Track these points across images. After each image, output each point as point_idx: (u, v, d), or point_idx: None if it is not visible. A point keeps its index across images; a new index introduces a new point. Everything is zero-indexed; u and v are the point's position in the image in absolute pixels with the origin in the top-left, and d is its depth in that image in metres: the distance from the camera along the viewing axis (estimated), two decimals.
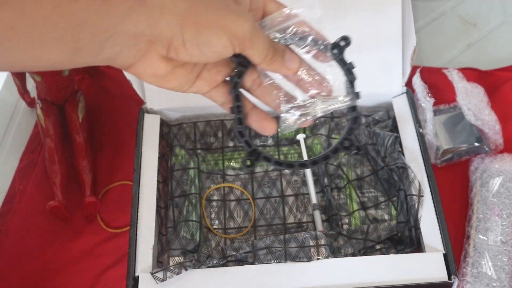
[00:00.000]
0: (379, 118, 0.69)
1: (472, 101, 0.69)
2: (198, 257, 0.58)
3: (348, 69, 0.45)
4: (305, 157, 0.68)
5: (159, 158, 0.65)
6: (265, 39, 0.39)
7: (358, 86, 0.70)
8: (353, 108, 0.45)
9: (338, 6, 0.67)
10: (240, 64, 0.42)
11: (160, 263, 0.61)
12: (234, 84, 0.43)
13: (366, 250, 0.62)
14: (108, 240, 0.68)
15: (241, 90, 0.44)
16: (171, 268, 0.56)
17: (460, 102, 0.70)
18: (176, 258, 0.61)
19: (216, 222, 0.66)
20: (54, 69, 0.34)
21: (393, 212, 0.64)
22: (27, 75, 0.75)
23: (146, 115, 0.67)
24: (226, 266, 0.59)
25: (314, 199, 0.65)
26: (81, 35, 0.32)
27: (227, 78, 0.43)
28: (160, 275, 0.55)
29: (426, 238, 0.58)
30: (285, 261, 0.58)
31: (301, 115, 0.44)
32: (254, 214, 0.66)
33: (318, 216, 0.64)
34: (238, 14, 0.37)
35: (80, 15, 0.31)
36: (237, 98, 0.43)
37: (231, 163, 0.70)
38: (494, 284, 0.59)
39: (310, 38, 0.42)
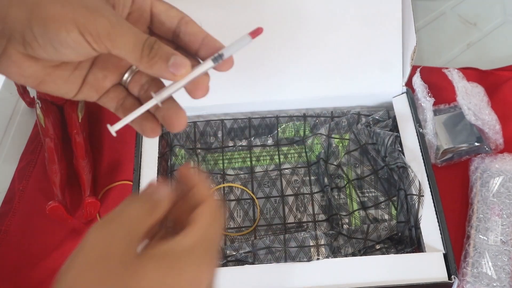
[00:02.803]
0: (379, 117, 0.69)
1: (472, 100, 0.69)
2: None
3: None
4: None
5: (159, 158, 0.65)
6: (132, 36, 0.34)
7: (359, 86, 0.70)
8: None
9: (338, 6, 0.67)
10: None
11: None
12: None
13: (366, 250, 0.62)
14: None
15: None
16: None
17: (460, 102, 0.70)
18: None
19: None
20: None
21: (393, 211, 0.64)
22: None
23: None
24: (226, 266, 0.59)
25: None
26: None
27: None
28: None
29: (426, 238, 0.58)
30: (285, 261, 0.58)
31: None
32: (259, 213, 0.66)
33: None
34: (91, 8, 0.33)
35: None
36: None
37: (231, 163, 0.70)
38: (494, 284, 0.59)
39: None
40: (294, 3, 0.67)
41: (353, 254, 0.61)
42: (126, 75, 0.39)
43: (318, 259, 0.57)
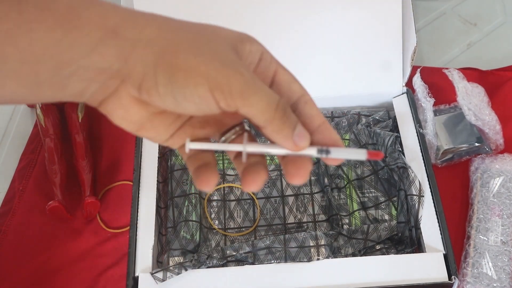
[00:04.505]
0: (380, 118, 0.69)
1: (473, 101, 0.69)
2: (198, 257, 0.58)
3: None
4: None
5: (159, 158, 0.65)
6: (266, 96, 0.30)
7: (359, 86, 0.70)
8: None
9: (338, 6, 0.67)
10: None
11: (160, 263, 0.61)
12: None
13: (366, 250, 0.62)
14: (108, 240, 0.67)
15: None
16: (171, 268, 0.56)
17: (461, 102, 0.70)
18: (176, 258, 0.61)
19: (216, 222, 0.66)
20: (15, 104, 0.31)
21: (394, 212, 0.64)
22: None
23: None
24: (226, 266, 0.59)
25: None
26: (40, 69, 0.28)
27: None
28: (160, 275, 0.55)
29: (426, 238, 0.58)
30: (285, 261, 0.57)
31: None
32: (259, 213, 0.66)
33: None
34: (226, 62, 0.30)
35: (37, 47, 0.27)
36: None
37: (231, 163, 0.70)
38: (495, 285, 0.59)
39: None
40: (294, 4, 0.66)
41: (353, 255, 0.61)
42: (228, 134, 0.35)
43: (318, 259, 0.57)
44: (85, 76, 0.30)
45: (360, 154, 0.32)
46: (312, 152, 0.32)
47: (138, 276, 0.56)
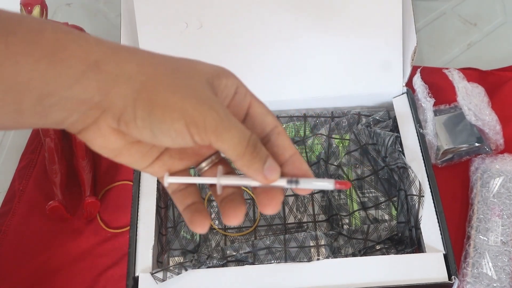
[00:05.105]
0: (380, 118, 0.69)
1: (473, 101, 0.69)
2: (198, 257, 0.58)
3: None
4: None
5: None
6: (238, 133, 0.32)
7: (359, 86, 0.70)
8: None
9: (338, 6, 0.67)
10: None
11: (160, 263, 0.61)
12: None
13: (366, 250, 0.62)
14: (108, 240, 0.68)
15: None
16: (171, 268, 0.56)
17: (461, 102, 0.70)
18: (176, 258, 0.61)
19: (216, 222, 0.66)
20: None
21: (394, 212, 0.64)
22: None
23: None
24: (226, 266, 0.59)
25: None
26: (24, 98, 0.29)
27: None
28: (160, 275, 0.55)
29: (426, 239, 0.58)
30: (285, 261, 0.58)
31: None
32: (260, 213, 0.66)
33: None
34: (202, 99, 0.31)
35: (22, 78, 0.29)
36: None
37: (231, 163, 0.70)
38: (495, 285, 0.59)
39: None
40: (294, 4, 0.66)
41: (353, 255, 0.61)
42: (204, 164, 0.37)
43: (318, 259, 0.57)
44: (67, 106, 0.31)
45: (328, 184, 0.34)
46: (283, 183, 0.34)
47: (138, 276, 0.56)
